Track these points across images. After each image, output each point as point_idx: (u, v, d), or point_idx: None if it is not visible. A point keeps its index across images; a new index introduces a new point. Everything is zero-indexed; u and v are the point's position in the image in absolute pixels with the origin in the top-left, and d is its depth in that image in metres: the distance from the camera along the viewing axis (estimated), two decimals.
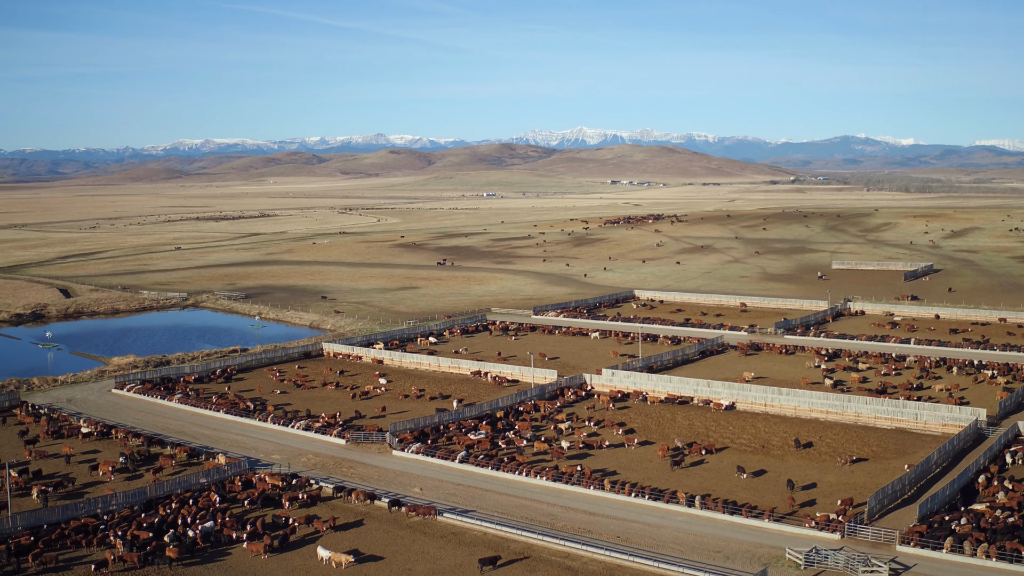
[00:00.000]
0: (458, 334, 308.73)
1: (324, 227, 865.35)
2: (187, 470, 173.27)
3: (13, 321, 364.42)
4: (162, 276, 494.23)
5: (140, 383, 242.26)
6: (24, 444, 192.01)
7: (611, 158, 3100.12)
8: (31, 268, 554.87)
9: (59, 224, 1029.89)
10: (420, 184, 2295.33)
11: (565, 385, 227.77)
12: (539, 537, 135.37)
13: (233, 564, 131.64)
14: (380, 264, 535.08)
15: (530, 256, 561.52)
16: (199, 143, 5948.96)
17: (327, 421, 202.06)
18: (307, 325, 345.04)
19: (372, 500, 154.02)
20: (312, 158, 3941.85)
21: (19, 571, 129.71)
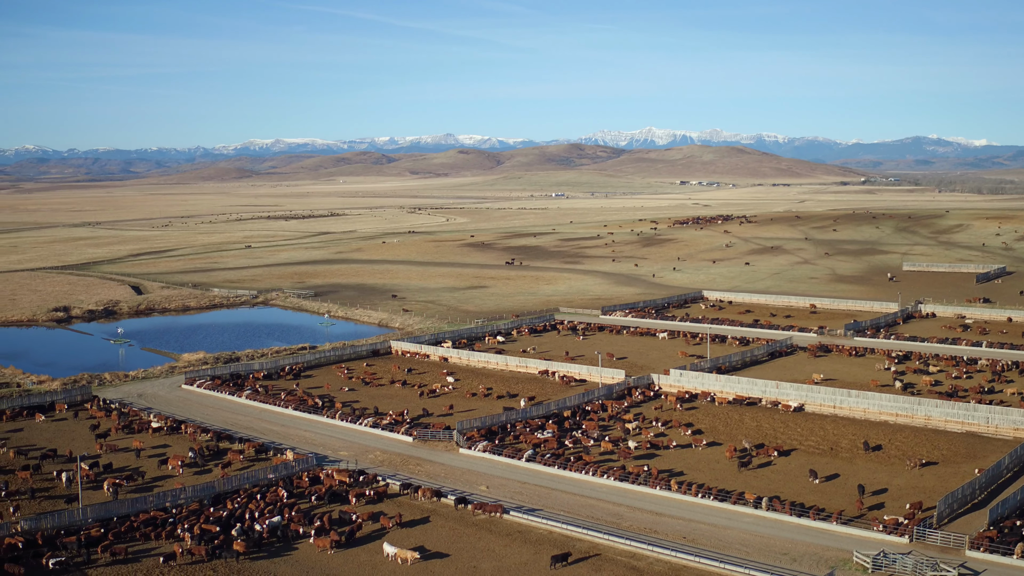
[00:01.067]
0: (526, 333, 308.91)
1: (393, 226, 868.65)
2: (255, 465, 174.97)
3: (86, 317, 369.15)
4: (232, 274, 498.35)
5: (210, 379, 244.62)
6: (95, 438, 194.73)
7: (680, 158, 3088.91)
8: (104, 265, 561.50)
9: (131, 222, 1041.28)
10: (489, 184, 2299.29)
11: (633, 385, 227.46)
12: (605, 537, 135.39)
13: (300, 559, 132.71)
14: (449, 263, 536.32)
15: (599, 256, 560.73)
16: (269, 143, 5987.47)
17: (394, 418, 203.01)
18: (376, 323, 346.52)
19: (438, 497, 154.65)
20: (381, 158, 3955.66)
21: (89, 562, 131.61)
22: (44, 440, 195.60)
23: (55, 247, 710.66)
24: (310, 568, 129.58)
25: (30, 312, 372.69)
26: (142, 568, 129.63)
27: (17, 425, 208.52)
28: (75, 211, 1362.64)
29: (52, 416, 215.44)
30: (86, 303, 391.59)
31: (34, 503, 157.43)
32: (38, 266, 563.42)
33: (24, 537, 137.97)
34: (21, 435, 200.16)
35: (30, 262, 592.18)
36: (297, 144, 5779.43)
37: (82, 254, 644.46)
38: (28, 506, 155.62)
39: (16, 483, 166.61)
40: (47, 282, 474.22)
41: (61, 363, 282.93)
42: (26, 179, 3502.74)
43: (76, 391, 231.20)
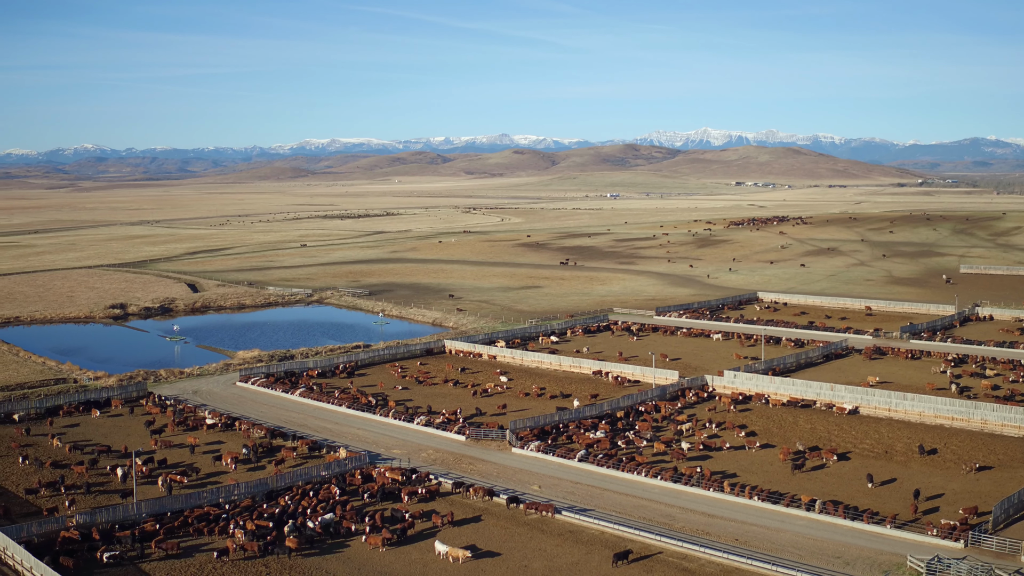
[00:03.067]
0: (580, 333, 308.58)
1: (448, 226, 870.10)
2: (308, 462, 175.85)
3: (142, 314, 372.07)
4: (287, 272, 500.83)
5: (264, 377, 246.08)
6: (150, 434, 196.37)
7: (735, 159, 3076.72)
8: (160, 263, 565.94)
9: (188, 221, 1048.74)
10: (544, 184, 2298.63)
11: (686, 386, 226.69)
12: (657, 538, 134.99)
13: (352, 556, 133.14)
14: (503, 263, 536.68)
15: (653, 257, 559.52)
16: (325, 142, 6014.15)
17: (448, 417, 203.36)
18: (430, 322, 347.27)
19: (491, 496, 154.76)
20: (436, 158, 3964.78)
21: (143, 556, 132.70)
22: (100, 436, 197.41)
23: (113, 245, 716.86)
24: (362, 565, 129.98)
25: (87, 309, 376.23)
26: (195, 563, 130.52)
27: (74, 421, 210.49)
28: (133, 210, 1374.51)
29: (108, 412, 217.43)
30: (143, 300, 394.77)
31: (89, 498, 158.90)
32: (96, 264, 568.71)
33: (80, 531, 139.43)
34: (78, 430, 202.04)
35: (88, 260, 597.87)
36: (353, 144, 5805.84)
37: (139, 252, 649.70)
38: (84, 500, 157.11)
39: (72, 478, 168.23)
40: (104, 279, 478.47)
41: (117, 360, 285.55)
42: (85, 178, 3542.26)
43: (132, 387, 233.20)
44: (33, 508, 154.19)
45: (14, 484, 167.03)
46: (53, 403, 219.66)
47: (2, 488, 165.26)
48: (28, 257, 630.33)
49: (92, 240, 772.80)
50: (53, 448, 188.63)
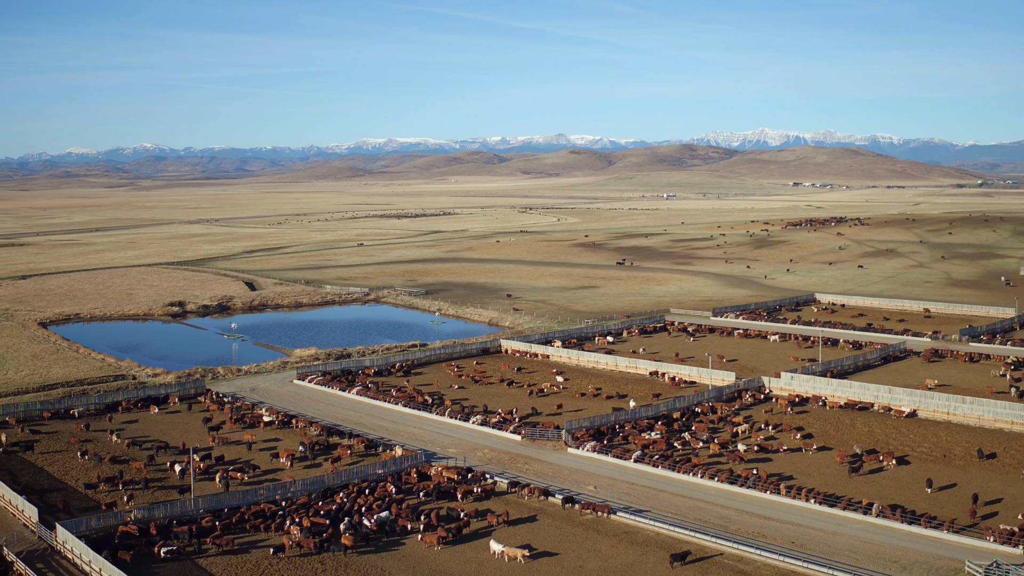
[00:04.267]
0: (636, 334, 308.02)
1: (504, 226, 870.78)
2: (364, 460, 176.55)
3: (200, 312, 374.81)
4: (344, 271, 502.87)
5: (321, 375, 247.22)
6: (208, 430, 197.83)
7: (793, 160, 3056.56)
8: (218, 262, 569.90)
9: (246, 220, 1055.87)
10: (600, 184, 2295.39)
11: (743, 388, 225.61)
12: (713, 539, 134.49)
13: (407, 554, 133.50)
14: (559, 263, 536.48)
15: (710, 257, 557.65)
16: (382, 142, 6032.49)
17: (503, 417, 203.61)
18: (486, 322, 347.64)
19: (546, 496, 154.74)
20: (493, 157, 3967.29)
21: (200, 552, 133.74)
22: (158, 432, 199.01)
23: (171, 243, 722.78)
24: (417, 563, 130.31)
25: (146, 306, 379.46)
26: (251, 559, 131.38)
27: (132, 417, 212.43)
28: (191, 208, 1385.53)
29: (166, 409, 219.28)
30: (201, 298, 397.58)
31: (147, 493, 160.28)
32: (154, 262, 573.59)
33: (138, 526, 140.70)
34: (136, 427, 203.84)
35: (147, 258, 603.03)
36: (409, 143, 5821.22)
37: (197, 250, 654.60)
38: (142, 496, 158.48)
39: (131, 473, 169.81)
40: (163, 277, 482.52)
41: (176, 357, 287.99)
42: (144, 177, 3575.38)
43: (190, 384, 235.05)
44: (92, 503, 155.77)
45: (73, 479, 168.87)
46: (112, 399, 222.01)
47: (62, 483, 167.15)
48: (88, 255, 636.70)
49: (151, 238, 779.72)
50: (112, 444, 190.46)
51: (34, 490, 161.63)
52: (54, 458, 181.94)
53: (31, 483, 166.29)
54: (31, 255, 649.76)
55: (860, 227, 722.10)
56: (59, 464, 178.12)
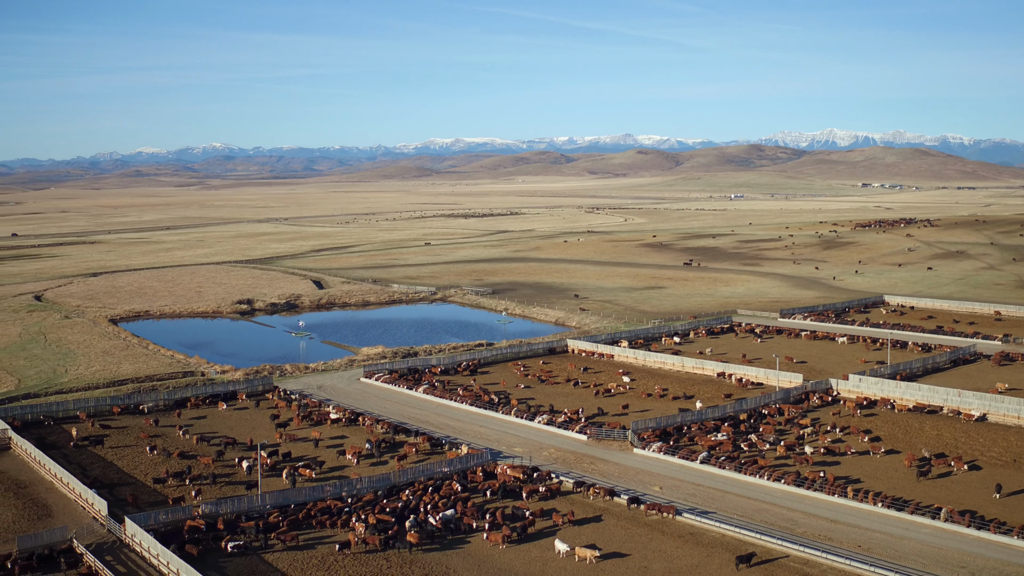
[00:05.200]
0: (703, 335, 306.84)
1: (571, 226, 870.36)
2: (430, 459, 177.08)
3: (268, 310, 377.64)
4: (411, 270, 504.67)
5: (388, 373, 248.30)
6: (275, 427, 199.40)
7: (862, 160, 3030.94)
8: (286, 260, 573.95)
9: (314, 219, 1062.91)
10: (667, 184, 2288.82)
11: (810, 390, 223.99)
12: (779, 542, 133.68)
13: (472, 552, 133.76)
14: (626, 263, 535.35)
15: (778, 258, 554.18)
16: (449, 142, 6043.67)
17: (569, 417, 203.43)
18: (552, 322, 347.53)
19: (611, 496, 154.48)
20: (560, 157, 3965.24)
21: (267, 547, 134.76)
22: (226, 428, 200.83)
23: (240, 242, 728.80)
24: (481, 562, 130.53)
25: (215, 304, 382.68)
26: (317, 555, 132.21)
27: (201, 413, 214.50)
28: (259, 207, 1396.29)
29: (234, 405, 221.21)
30: (269, 296, 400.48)
31: (215, 488, 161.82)
32: (223, 260, 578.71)
33: (205, 520, 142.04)
34: (204, 422, 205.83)
35: (216, 256, 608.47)
36: (476, 143, 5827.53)
37: (266, 249, 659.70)
38: (209, 491, 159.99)
39: (199, 468, 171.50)
40: (232, 275, 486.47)
41: (244, 354, 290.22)
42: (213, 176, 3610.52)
43: (258, 381, 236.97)
44: (160, 497, 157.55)
45: (142, 473, 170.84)
46: (181, 395, 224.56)
47: (131, 477, 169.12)
48: (158, 253, 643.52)
49: (220, 237, 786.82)
50: (180, 439, 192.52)
51: (104, 484, 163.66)
52: (123, 453, 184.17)
53: (101, 477, 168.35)
54: (102, 253, 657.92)
55: (930, 228, 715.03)
56: (128, 459, 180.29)
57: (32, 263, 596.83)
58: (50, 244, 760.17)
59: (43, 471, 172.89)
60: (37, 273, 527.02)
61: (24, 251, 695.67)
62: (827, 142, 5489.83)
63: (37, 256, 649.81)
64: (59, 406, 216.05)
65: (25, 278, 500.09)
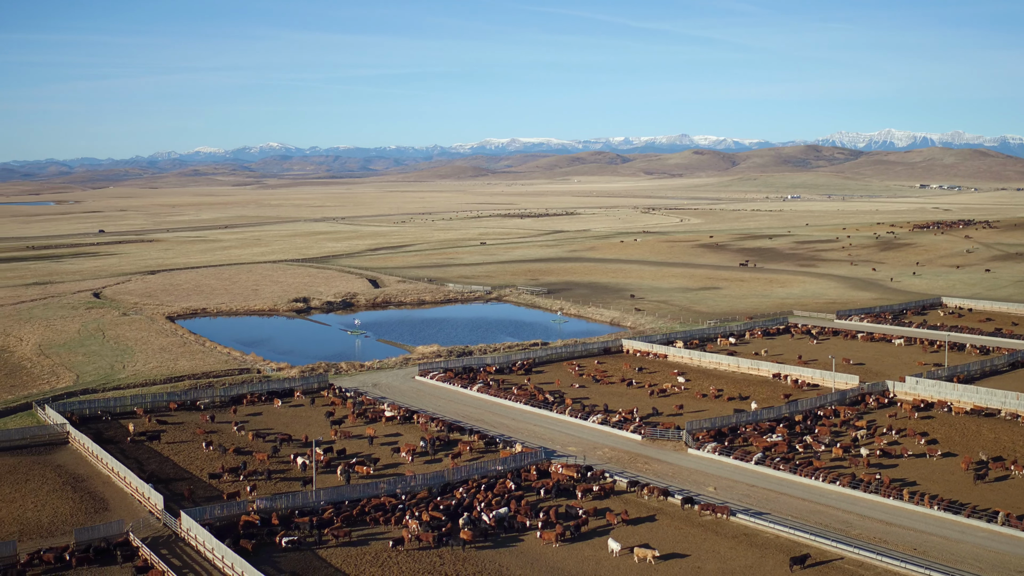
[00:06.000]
0: (759, 336, 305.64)
1: (627, 226, 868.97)
2: (484, 457, 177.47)
3: (324, 308, 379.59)
4: (467, 270, 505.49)
5: (443, 371, 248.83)
6: (331, 424, 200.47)
7: (920, 161, 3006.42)
8: (343, 259, 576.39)
9: (370, 218, 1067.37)
10: (723, 185, 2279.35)
11: (867, 391, 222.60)
12: (834, 544, 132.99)
13: (525, 550, 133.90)
14: (682, 264, 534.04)
15: (834, 259, 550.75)
16: (505, 142, 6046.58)
17: (624, 416, 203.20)
18: (607, 322, 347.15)
19: (665, 496, 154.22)
20: (616, 158, 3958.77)
21: (321, 543, 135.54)
22: (281, 425, 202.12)
23: (296, 241, 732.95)
24: (535, 560, 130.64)
25: (271, 302, 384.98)
26: (370, 551, 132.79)
27: (257, 409, 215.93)
28: (316, 207, 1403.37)
29: (290, 402, 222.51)
30: (325, 295, 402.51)
31: (270, 484, 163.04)
32: (280, 258, 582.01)
33: (260, 515, 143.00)
34: (260, 419, 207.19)
35: (272, 255, 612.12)
36: (532, 143, 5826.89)
37: (322, 248, 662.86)
38: (264, 487, 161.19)
39: (254, 464, 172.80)
40: (288, 274, 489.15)
41: (300, 352, 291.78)
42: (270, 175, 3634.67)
43: (313, 379, 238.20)
44: (216, 492, 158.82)
45: (198, 469, 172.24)
46: (237, 392, 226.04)
47: (187, 472, 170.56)
48: (215, 251, 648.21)
49: (276, 236, 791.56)
50: (236, 435, 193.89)
51: (160, 479, 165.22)
52: (180, 448, 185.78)
53: (157, 472, 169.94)
54: (160, 251, 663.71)
55: (988, 230, 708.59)
56: (184, 454, 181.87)
57: (91, 261, 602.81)
58: (109, 243, 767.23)
59: (100, 465, 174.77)
60: (96, 271, 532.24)
61: (83, 249, 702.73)
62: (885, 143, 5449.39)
63: (96, 254, 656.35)
64: (117, 402, 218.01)
65: (84, 276, 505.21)
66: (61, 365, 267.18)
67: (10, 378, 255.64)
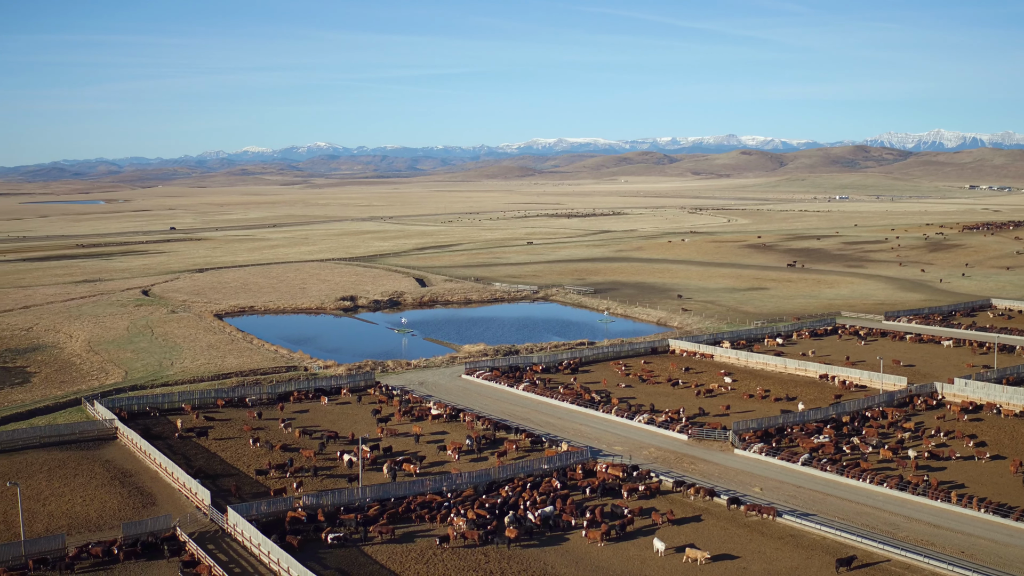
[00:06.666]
0: (806, 336, 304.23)
1: (674, 226, 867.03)
2: (530, 455, 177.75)
3: (371, 307, 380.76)
4: (513, 269, 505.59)
5: (489, 370, 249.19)
6: (377, 422, 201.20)
7: (969, 162, 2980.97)
8: (390, 258, 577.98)
9: (417, 217, 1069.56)
10: (771, 185, 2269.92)
11: (915, 393, 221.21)
12: (880, 546, 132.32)
13: (570, 549, 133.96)
14: (729, 264, 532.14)
15: (883, 260, 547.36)
16: (552, 142, 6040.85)
17: (670, 416, 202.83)
18: (654, 322, 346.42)
19: (711, 496, 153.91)
20: (663, 158, 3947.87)
21: (366, 539, 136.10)
22: (328, 422, 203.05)
23: (343, 240, 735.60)
24: (580, 559, 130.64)
25: (319, 301, 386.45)
26: (416, 548, 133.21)
27: (304, 407, 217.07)
28: (363, 206, 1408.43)
29: (336, 400, 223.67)
30: (372, 293, 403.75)
31: (316, 481, 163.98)
32: (327, 257, 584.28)
33: (306, 512, 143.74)
34: (307, 416, 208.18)
35: (320, 253, 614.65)
36: (579, 144, 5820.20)
37: (369, 247, 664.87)
38: (311, 483, 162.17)
39: (300, 461, 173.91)
40: (335, 272, 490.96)
41: (347, 350, 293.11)
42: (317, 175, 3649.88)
43: (360, 377, 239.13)
44: (262, 488, 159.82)
45: (245, 465, 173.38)
46: (284, 389, 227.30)
47: (234, 468, 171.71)
48: (263, 250, 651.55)
49: (324, 234, 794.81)
50: (283, 432, 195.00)
51: (207, 474, 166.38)
52: (227, 444, 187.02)
53: (204, 467, 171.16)
54: (208, 249, 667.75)
55: None
56: (232, 450, 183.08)
57: (140, 259, 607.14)
58: (157, 240, 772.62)
59: (148, 460, 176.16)
60: (144, 269, 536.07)
61: (132, 247, 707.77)
62: (934, 143, 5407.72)
63: (145, 252, 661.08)
64: (165, 398, 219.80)
65: (133, 273, 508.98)
66: (110, 361, 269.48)
67: (60, 374, 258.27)
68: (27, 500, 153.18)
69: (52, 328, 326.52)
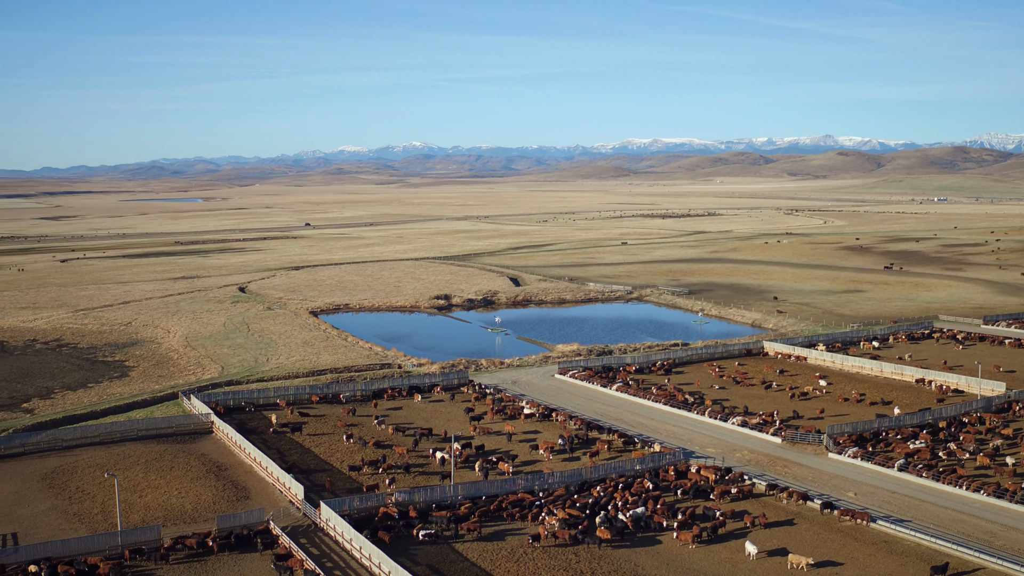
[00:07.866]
0: (903, 340, 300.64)
1: (769, 227, 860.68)
2: (622, 456, 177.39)
3: (465, 306, 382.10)
4: (608, 269, 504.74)
5: (582, 370, 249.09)
6: (470, 420, 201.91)
7: None
8: (484, 257, 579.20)
9: (511, 217, 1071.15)
10: (868, 187, 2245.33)
11: (1014, 399, 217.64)
12: (976, 554, 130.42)
13: (662, 551, 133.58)
14: (825, 266, 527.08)
15: (982, 264, 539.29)
16: (647, 142, 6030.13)
17: (764, 419, 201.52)
18: (749, 323, 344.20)
19: (804, 500, 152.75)
20: (758, 159, 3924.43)
21: (457, 536, 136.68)
22: (421, 419, 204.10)
23: (438, 239, 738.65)
24: (671, 561, 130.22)
25: (413, 299, 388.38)
26: (507, 546, 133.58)
27: (397, 404, 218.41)
28: (458, 205, 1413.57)
29: (430, 397, 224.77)
30: (466, 292, 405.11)
31: (408, 477, 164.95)
32: (422, 256, 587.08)
33: (398, 508, 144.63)
34: (400, 413, 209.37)
35: (415, 252, 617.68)
36: (674, 144, 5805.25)
37: (463, 246, 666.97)
38: (403, 480, 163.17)
39: (393, 458, 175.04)
40: (430, 271, 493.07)
41: (440, 348, 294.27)
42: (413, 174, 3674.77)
43: (453, 375, 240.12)
44: (355, 484, 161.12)
45: (339, 461, 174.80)
46: (378, 387, 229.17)
47: (327, 464, 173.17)
48: (358, 248, 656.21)
49: (419, 233, 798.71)
50: (376, 429, 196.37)
51: (300, 469, 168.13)
52: (320, 440, 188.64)
53: (298, 463, 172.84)
54: (304, 247, 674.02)
55: None
56: (325, 446, 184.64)
57: (237, 256, 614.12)
58: (255, 239, 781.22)
59: (243, 455, 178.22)
60: (241, 266, 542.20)
61: (229, 244, 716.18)
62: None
63: (242, 250, 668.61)
64: (260, 393, 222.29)
65: (230, 270, 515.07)
66: (207, 357, 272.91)
67: (158, 368, 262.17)
68: (124, 491, 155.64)
69: (150, 323, 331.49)
